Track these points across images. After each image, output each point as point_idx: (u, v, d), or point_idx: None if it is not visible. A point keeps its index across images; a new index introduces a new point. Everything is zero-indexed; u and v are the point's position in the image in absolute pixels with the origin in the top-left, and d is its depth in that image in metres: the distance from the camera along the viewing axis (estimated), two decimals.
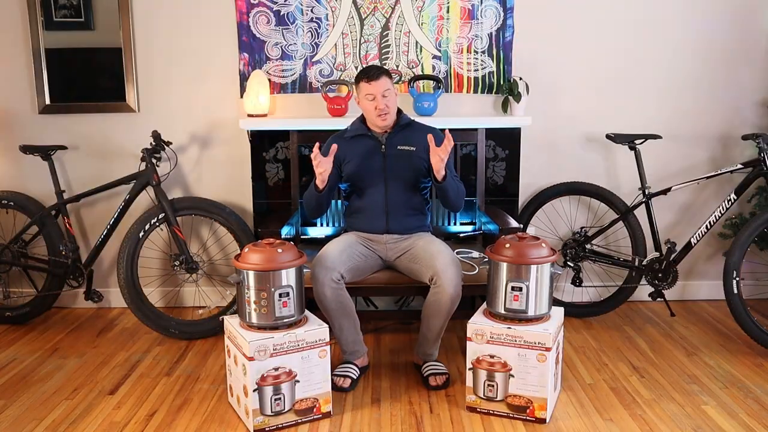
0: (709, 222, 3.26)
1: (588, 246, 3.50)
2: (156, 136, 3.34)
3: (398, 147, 2.87)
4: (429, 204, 3.02)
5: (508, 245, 2.51)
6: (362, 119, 2.94)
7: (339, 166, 2.90)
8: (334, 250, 2.73)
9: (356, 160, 2.88)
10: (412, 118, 2.99)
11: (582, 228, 3.52)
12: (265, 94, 3.36)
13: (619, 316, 3.57)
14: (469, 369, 2.53)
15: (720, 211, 3.24)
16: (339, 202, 3.24)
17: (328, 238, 3.40)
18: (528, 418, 2.47)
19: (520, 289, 2.47)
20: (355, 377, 2.76)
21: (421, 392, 2.72)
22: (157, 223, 3.35)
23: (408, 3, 3.43)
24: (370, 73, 2.80)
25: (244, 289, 2.45)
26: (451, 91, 3.52)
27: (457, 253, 2.96)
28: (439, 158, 2.64)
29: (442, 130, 2.71)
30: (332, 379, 2.63)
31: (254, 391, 2.38)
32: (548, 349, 2.41)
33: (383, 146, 2.87)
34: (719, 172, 3.30)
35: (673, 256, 3.29)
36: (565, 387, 2.75)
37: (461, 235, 3.39)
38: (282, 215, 3.25)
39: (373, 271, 2.88)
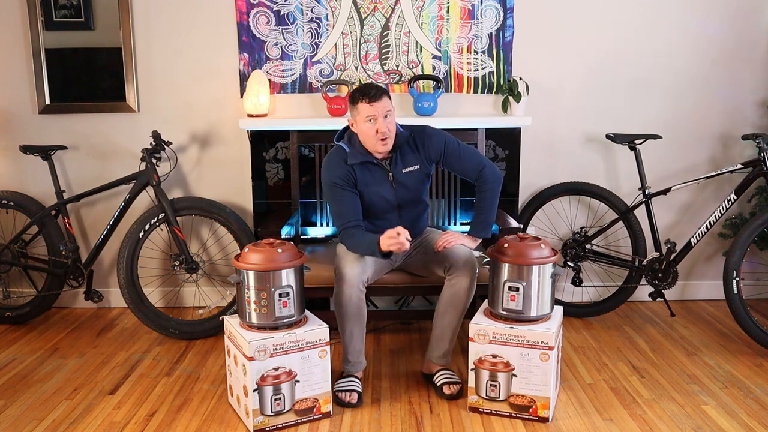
0: (709, 222, 3.26)
1: (588, 246, 3.50)
2: (156, 136, 3.34)
3: (404, 171, 2.69)
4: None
5: (508, 245, 2.51)
6: (353, 142, 2.66)
7: (356, 187, 2.70)
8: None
9: (367, 189, 2.68)
10: (407, 120, 2.86)
11: (582, 228, 3.52)
12: (265, 94, 3.36)
13: (619, 316, 3.57)
14: (471, 369, 2.53)
15: (720, 211, 3.24)
16: None
17: (327, 238, 3.41)
18: (531, 417, 2.47)
19: (517, 289, 2.47)
20: (360, 390, 2.66)
21: (421, 392, 2.71)
22: (157, 223, 3.34)
23: (408, 3, 3.42)
24: (370, 93, 2.50)
25: (244, 289, 2.45)
26: (451, 91, 3.52)
27: None
28: (446, 242, 2.68)
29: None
30: (336, 395, 2.60)
31: (254, 391, 2.38)
32: (551, 348, 2.42)
33: (390, 174, 2.68)
34: (719, 172, 3.30)
35: (673, 256, 3.29)
36: (565, 387, 2.75)
37: None
38: (282, 215, 3.25)
39: (383, 273, 2.82)
